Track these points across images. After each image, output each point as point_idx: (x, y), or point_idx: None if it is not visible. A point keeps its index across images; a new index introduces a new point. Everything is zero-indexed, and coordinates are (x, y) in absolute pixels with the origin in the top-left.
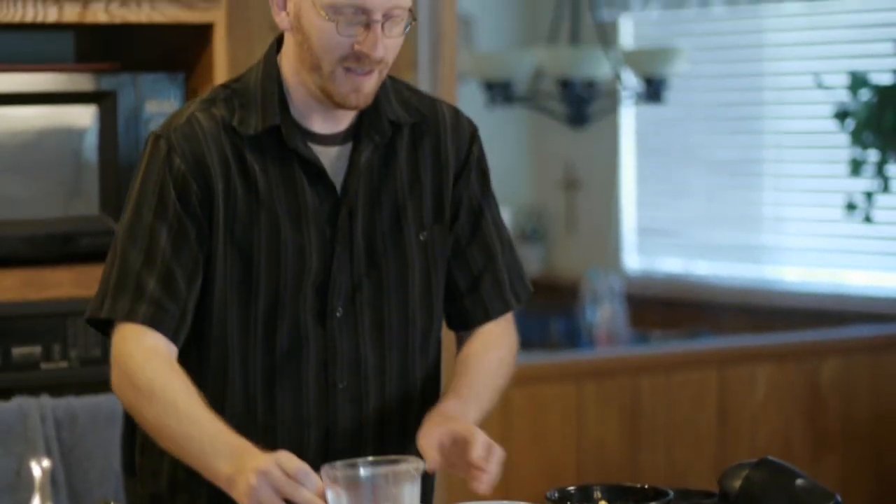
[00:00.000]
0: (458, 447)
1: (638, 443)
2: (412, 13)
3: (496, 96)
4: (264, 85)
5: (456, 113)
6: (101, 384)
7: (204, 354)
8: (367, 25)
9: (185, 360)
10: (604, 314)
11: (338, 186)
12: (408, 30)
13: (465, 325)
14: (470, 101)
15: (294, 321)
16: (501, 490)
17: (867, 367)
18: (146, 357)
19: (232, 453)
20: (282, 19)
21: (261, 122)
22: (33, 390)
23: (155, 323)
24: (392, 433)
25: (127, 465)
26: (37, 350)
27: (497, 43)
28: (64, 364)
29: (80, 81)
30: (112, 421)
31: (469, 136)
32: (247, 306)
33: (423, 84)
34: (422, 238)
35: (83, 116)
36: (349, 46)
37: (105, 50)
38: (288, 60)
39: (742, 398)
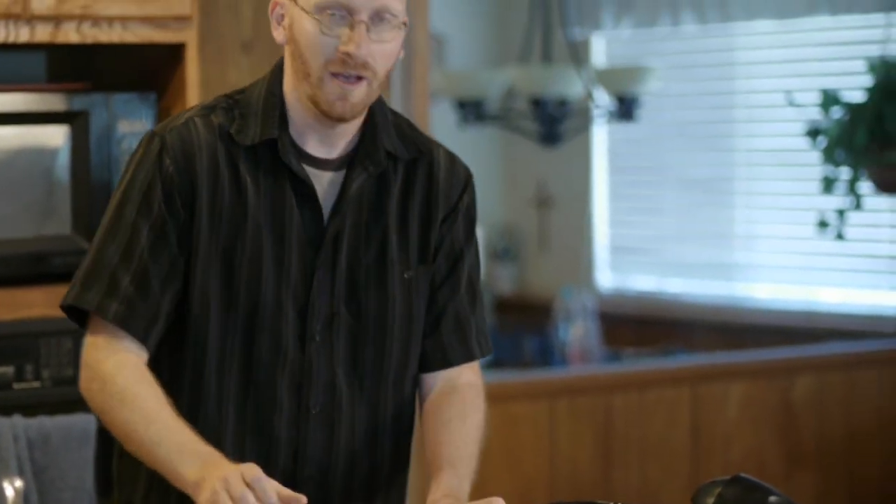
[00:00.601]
0: None
1: (611, 461)
2: (406, 25)
3: (468, 115)
4: (267, 98)
5: (452, 158)
6: (74, 404)
7: (181, 359)
8: (352, 26)
9: (161, 363)
10: (576, 332)
11: (326, 212)
12: (401, 37)
13: (424, 367)
14: (442, 120)
15: (275, 339)
16: None
17: (840, 384)
18: (118, 364)
19: (199, 460)
20: (279, 34)
21: (258, 133)
22: (6, 410)
23: (126, 323)
24: (361, 464)
25: (101, 485)
26: (9, 370)
27: (469, 62)
28: (36, 384)
29: (51, 101)
30: (85, 441)
31: (463, 182)
32: (226, 315)
33: (395, 102)
34: (406, 276)
35: (55, 136)
36: (334, 48)
37: (77, 70)
38: (287, 77)
39: (715, 415)
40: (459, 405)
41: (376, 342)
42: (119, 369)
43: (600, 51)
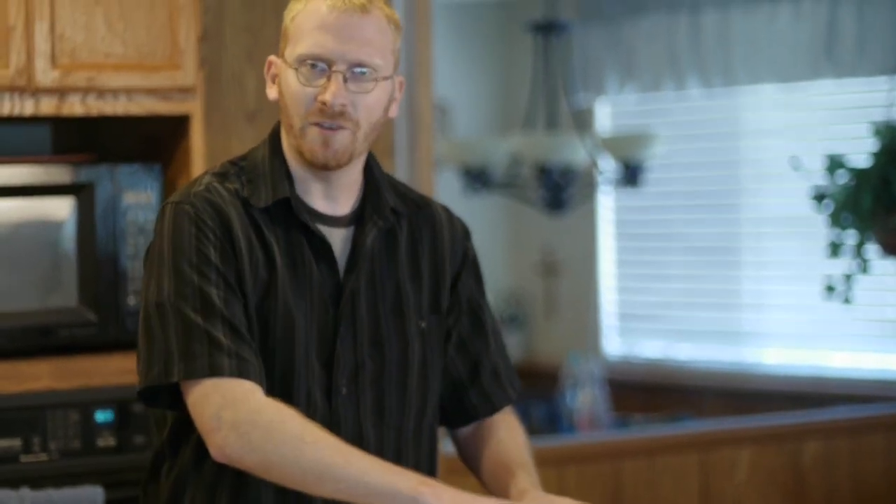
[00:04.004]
0: None
1: None
2: (388, 79)
3: (473, 183)
4: (271, 160)
5: (448, 212)
6: (82, 476)
7: None
8: (329, 77)
9: (192, 425)
10: (584, 399)
11: (341, 267)
12: (385, 89)
13: (471, 418)
14: (447, 188)
15: (307, 393)
16: None
17: (848, 448)
18: (277, 410)
19: (415, 478)
20: (272, 91)
21: (271, 194)
22: (13, 483)
23: (243, 374)
24: None
25: None
26: (16, 443)
27: (474, 129)
28: (44, 456)
29: (57, 173)
30: None
31: (463, 235)
32: (265, 371)
33: (401, 171)
34: (422, 326)
35: (61, 208)
36: (313, 98)
37: (82, 142)
38: (284, 135)
39: (724, 481)
40: (505, 427)
41: (398, 391)
42: (282, 416)
43: (605, 117)
